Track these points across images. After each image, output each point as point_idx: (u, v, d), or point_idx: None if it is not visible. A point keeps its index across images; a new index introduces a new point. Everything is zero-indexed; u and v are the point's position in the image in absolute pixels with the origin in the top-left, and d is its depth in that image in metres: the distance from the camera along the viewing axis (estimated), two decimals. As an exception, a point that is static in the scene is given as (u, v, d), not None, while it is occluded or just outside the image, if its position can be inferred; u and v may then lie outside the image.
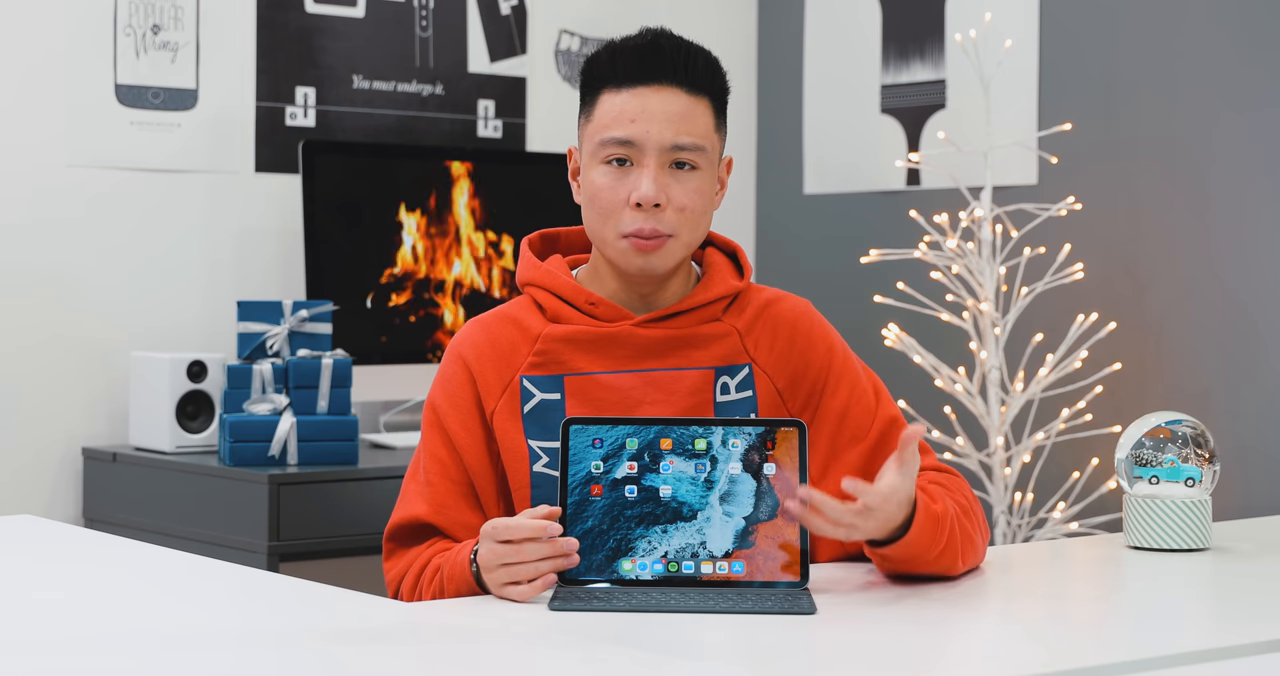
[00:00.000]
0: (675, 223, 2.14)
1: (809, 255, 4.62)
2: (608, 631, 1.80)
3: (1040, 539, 3.85)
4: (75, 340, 3.80)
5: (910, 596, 2.00)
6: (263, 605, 1.87)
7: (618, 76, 2.16)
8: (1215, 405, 3.82)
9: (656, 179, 2.13)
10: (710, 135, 2.17)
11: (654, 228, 2.13)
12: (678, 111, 2.14)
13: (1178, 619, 1.98)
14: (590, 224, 2.19)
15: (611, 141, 2.14)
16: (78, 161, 3.80)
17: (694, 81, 2.16)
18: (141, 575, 2.06)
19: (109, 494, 3.70)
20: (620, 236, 2.15)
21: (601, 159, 2.16)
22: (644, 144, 2.14)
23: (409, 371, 3.94)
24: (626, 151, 2.14)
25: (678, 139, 2.14)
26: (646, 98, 2.14)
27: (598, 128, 2.16)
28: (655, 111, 2.14)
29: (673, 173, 2.15)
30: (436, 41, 4.26)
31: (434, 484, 2.17)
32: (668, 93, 2.15)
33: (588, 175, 2.18)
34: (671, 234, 2.14)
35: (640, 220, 2.14)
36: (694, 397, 2.18)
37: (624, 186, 2.14)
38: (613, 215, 2.15)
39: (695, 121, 2.15)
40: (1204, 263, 3.88)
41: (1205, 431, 2.35)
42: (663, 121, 2.14)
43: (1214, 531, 2.43)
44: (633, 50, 2.17)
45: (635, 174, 2.14)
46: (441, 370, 2.23)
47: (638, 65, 2.15)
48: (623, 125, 2.14)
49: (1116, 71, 4.03)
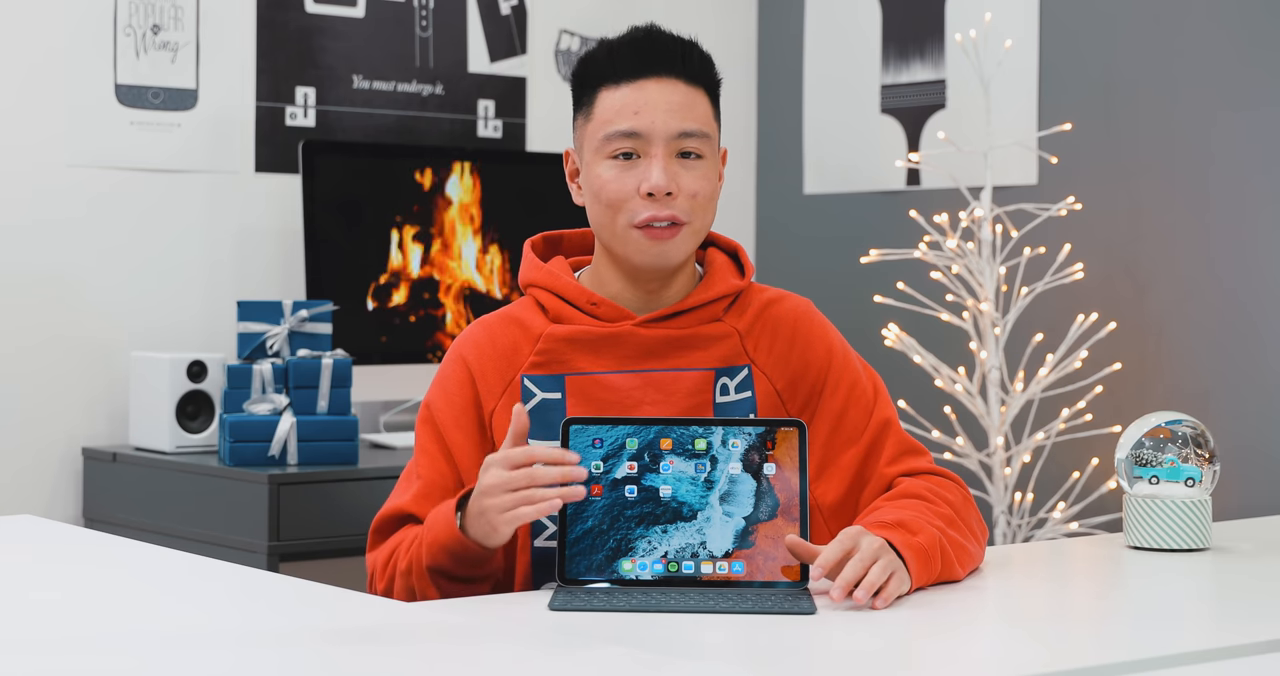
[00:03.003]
0: (687, 209, 2.15)
1: (809, 255, 4.62)
2: (608, 631, 1.80)
3: (1040, 539, 3.85)
4: (75, 340, 3.80)
5: (910, 596, 2.00)
6: (263, 605, 1.87)
7: (616, 72, 2.16)
8: (1215, 405, 3.82)
9: (666, 168, 2.14)
10: (711, 123, 2.19)
11: (668, 213, 2.13)
12: (680, 101, 2.15)
13: (1178, 619, 1.98)
14: (598, 220, 2.18)
15: (617, 135, 2.15)
16: (78, 161, 3.80)
17: (691, 73, 2.17)
18: (141, 575, 2.06)
19: (109, 494, 3.70)
20: (632, 226, 2.15)
21: (607, 154, 2.15)
22: (650, 134, 2.14)
23: (409, 371, 3.94)
24: (633, 144, 2.14)
25: (684, 126, 2.15)
26: (648, 89, 2.15)
27: (600, 124, 2.16)
28: (658, 102, 2.14)
29: (680, 161, 2.16)
30: (436, 41, 4.26)
31: (424, 478, 2.17)
32: (668, 83, 2.16)
33: (592, 172, 2.17)
34: (685, 220, 2.15)
35: (653, 209, 2.14)
36: (694, 398, 2.18)
37: (631, 178, 2.14)
38: (623, 207, 2.15)
39: (697, 109, 2.16)
40: (1204, 262, 3.87)
41: (1205, 431, 2.35)
42: (667, 111, 2.14)
43: (1214, 531, 2.43)
44: (629, 45, 2.17)
45: (643, 165, 2.14)
46: (441, 370, 2.23)
47: (636, 59, 2.16)
48: (627, 118, 2.14)
49: (1116, 71, 4.03)
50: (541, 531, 2.14)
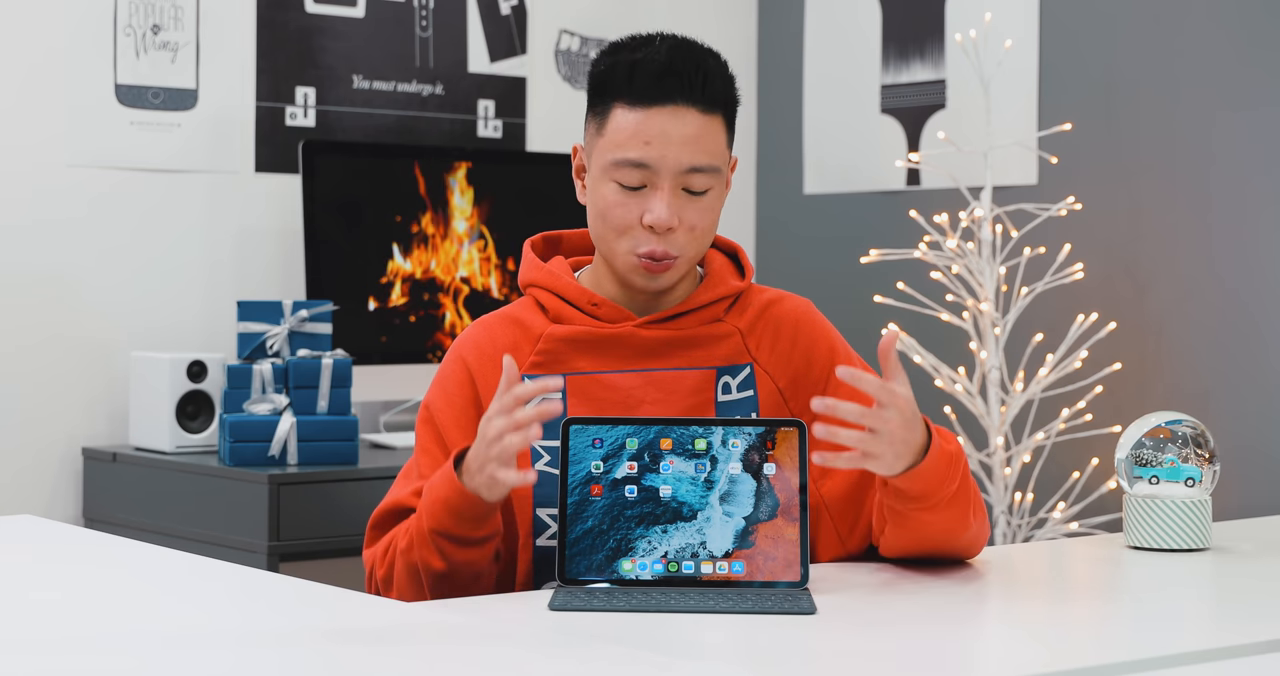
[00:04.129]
0: (684, 243, 2.16)
1: (809, 255, 4.62)
2: (608, 631, 1.80)
3: (1040, 539, 3.85)
4: (75, 340, 3.80)
5: (910, 596, 2.00)
6: (263, 605, 1.88)
7: (633, 93, 2.14)
8: (1215, 405, 3.82)
9: (670, 203, 2.13)
10: (723, 153, 2.17)
11: (665, 250, 2.14)
12: (692, 133, 2.13)
13: (1178, 619, 1.98)
14: (598, 235, 2.19)
15: (625, 163, 2.14)
16: (78, 161, 3.81)
17: (709, 99, 2.15)
18: (141, 575, 2.07)
19: (109, 494, 3.70)
20: (630, 253, 2.16)
21: (614, 178, 2.15)
22: (659, 167, 2.13)
23: (409, 371, 3.95)
24: (640, 176, 2.14)
25: (694, 161, 2.14)
26: (662, 120, 2.13)
27: (610, 145, 2.15)
28: (671, 135, 2.13)
29: (685, 195, 2.15)
30: (436, 41, 4.26)
31: (425, 476, 2.17)
32: (682, 113, 2.13)
33: (598, 189, 2.17)
34: (679, 254, 2.16)
35: (652, 242, 2.14)
36: (695, 397, 2.18)
37: (636, 205, 2.14)
38: (624, 234, 2.15)
39: (709, 141, 2.15)
40: (1204, 262, 3.88)
41: (1205, 431, 2.35)
42: (679, 145, 2.13)
43: (1214, 531, 2.43)
44: (649, 71, 2.14)
45: (648, 196, 2.14)
46: (441, 370, 2.24)
47: (654, 86, 2.13)
48: (637, 147, 2.13)
49: (1117, 71, 4.03)
50: (544, 530, 2.15)
